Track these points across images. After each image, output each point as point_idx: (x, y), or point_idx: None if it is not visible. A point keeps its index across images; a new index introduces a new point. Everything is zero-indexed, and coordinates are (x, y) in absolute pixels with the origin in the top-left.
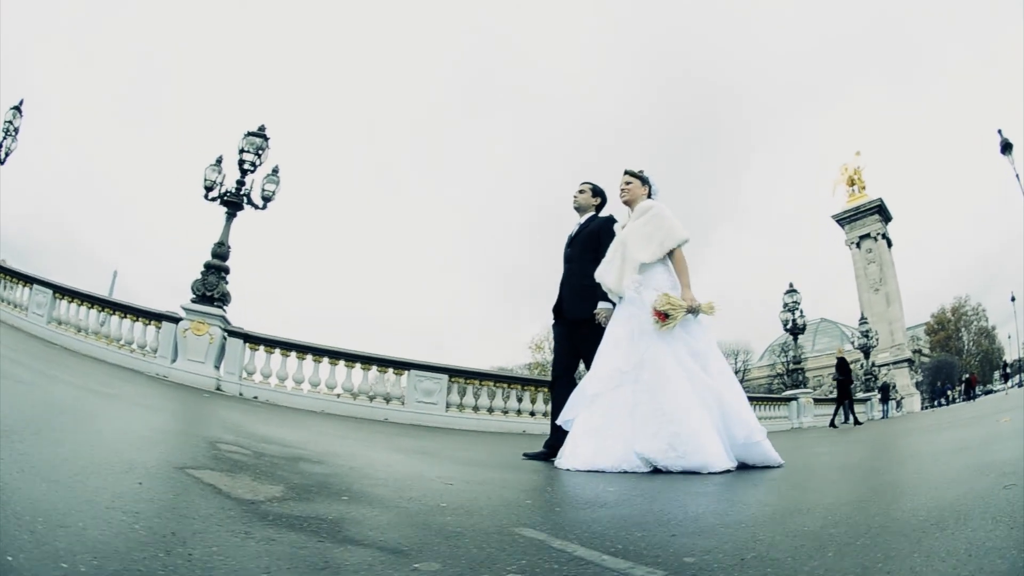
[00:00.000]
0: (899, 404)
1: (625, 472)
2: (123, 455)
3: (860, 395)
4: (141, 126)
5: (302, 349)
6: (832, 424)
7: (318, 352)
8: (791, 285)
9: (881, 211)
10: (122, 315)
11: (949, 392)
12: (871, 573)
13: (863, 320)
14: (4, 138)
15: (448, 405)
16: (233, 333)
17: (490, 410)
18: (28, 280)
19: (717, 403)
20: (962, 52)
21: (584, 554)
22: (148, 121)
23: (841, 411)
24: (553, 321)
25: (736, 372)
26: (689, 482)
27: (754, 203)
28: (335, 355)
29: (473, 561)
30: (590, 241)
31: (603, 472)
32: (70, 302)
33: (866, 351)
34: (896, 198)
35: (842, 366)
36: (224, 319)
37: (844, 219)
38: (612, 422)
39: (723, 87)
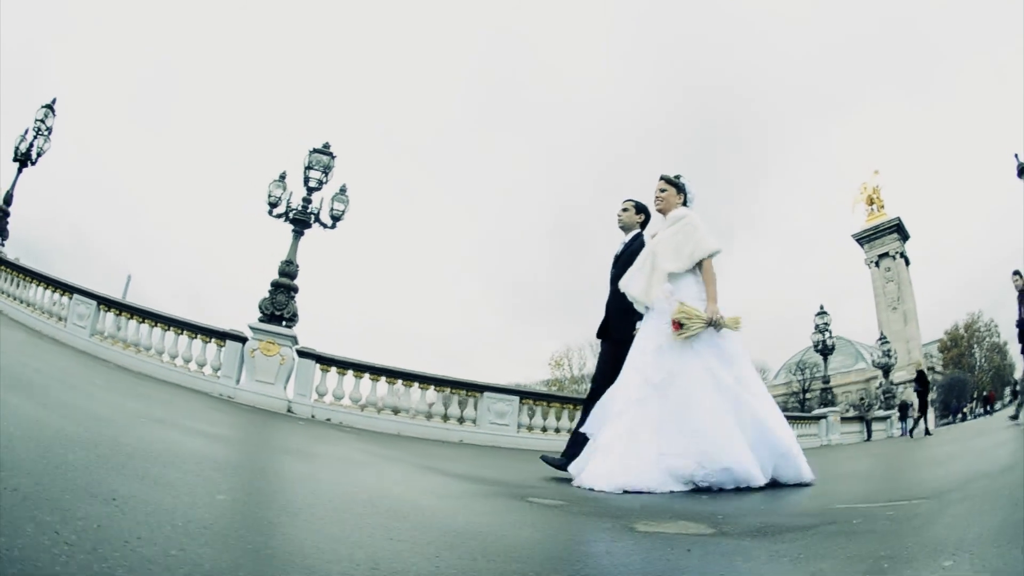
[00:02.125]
0: (916, 422)
1: (670, 492)
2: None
3: (880, 413)
4: (155, 129)
5: (375, 371)
6: (927, 432)
7: (392, 374)
8: (822, 307)
9: (899, 230)
10: (178, 331)
11: (964, 409)
12: (992, 491)
13: (883, 339)
14: (35, 137)
15: (519, 426)
16: (304, 354)
17: (556, 430)
18: (68, 289)
19: (751, 416)
20: (978, 64)
21: (859, 508)
22: (163, 125)
23: (923, 420)
24: (600, 339)
25: None
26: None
27: (768, 216)
28: (409, 377)
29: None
30: (633, 261)
31: (633, 492)
32: (118, 315)
33: (886, 370)
34: (911, 210)
35: (922, 379)
36: (295, 339)
37: (863, 238)
38: (637, 440)
39: (740, 97)
